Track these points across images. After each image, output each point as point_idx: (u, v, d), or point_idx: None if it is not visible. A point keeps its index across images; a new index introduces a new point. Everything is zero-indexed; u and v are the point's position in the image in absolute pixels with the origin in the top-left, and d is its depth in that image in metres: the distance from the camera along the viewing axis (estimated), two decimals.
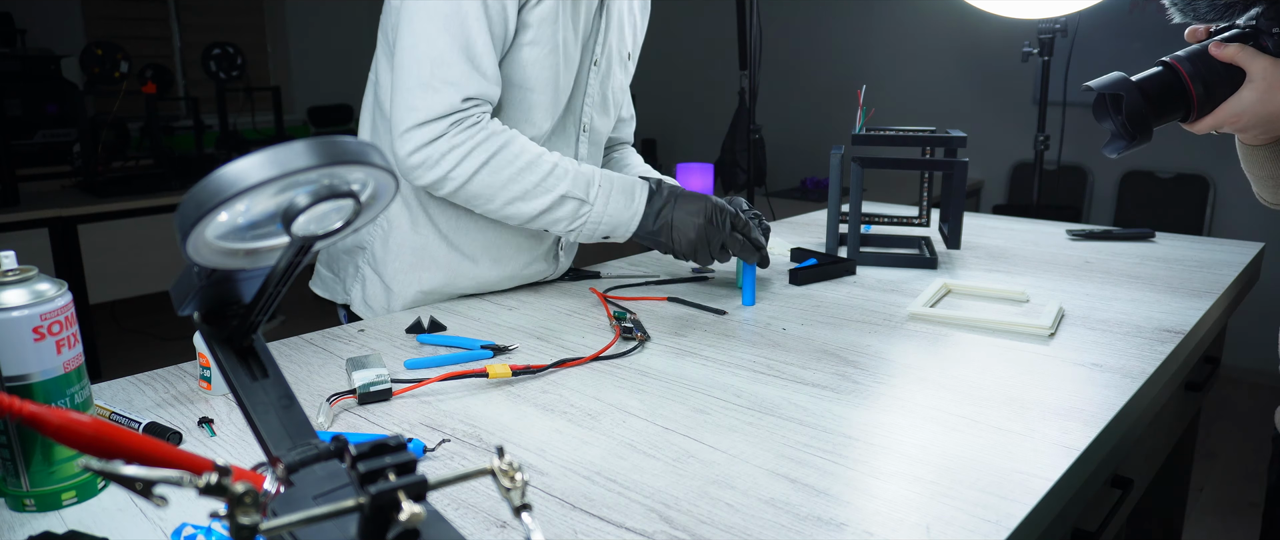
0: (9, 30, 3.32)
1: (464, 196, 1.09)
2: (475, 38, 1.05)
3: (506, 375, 0.89)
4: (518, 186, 1.08)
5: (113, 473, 0.35)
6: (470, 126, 1.06)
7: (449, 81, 1.04)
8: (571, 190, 1.10)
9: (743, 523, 0.61)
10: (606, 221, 1.13)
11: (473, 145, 1.05)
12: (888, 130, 1.50)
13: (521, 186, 1.08)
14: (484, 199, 1.09)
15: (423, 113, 1.04)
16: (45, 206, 2.82)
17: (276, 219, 0.41)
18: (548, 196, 1.09)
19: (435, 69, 1.04)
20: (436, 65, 1.04)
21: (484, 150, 1.06)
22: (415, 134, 1.04)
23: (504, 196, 1.08)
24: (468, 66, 1.05)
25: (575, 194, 1.10)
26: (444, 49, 1.04)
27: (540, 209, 1.10)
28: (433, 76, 1.04)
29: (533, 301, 1.21)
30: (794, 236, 1.62)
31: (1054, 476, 0.67)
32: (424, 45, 1.04)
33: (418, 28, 1.05)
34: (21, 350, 0.62)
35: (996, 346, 0.99)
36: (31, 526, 0.62)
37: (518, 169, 1.08)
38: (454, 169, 1.05)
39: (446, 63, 1.04)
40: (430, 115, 1.04)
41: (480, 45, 1.05)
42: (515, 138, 1.09)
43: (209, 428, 0.78)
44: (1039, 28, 2.04)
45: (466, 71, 1.05)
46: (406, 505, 0.39)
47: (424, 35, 1.04)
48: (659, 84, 4.87)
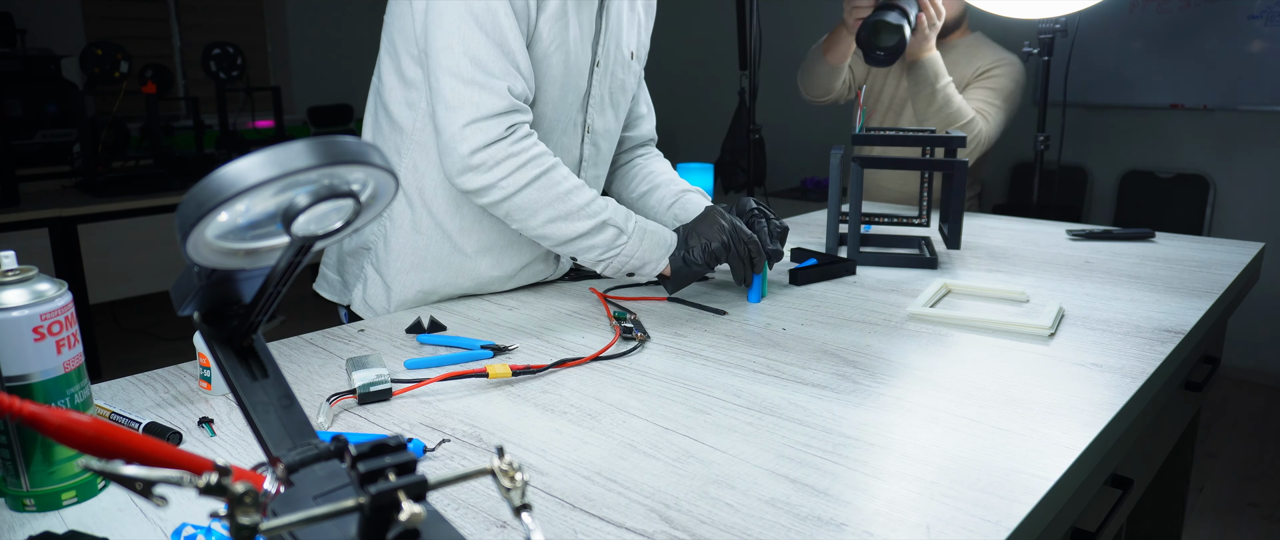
0: (9, 30, 3.32)
1: (507, 207, 1.08)
2: (508, 34, 1.05)
3: (506, 375, 0.88)
4: (563, 206, 1.08)
5: (113, 473, 0.35)
6: (525, 138, 1.06)
7: (493, 75, 1.04)
8: (613, 218, 1.10)
9: (743, 523, 0.61)
10: (639, 257, 1.13)
11: (528, 157, 1.06)
12: (888, 130, 1.50)
13: (566, 207, 1.08)
14: (527, 213, 1.08)
15: (474, 109, 1.03)
16: (45, 206, 2.82)
17: (276, 219, 0.41)
18: (590, 221, 1.09)
19: (477, 65, 1.03)
20: (477, 62, 1.03)
21: (537, 165, 1.06)
22: (473, 132, 1.03)
23: (547, 214, 1.08)
24: (507, 63, 1.05)
25: (616, 223, 1.11)
26: (482, 46, 1.03)
27: (581, 232, 1.10)
28: (475, 73, 1.03)
29: (533, 301, 1.21)
30: (794, 236, 1.62)
31: (1054, 476, 0.67)
32: (460, 45, 1.03)
33: (450, 27, 1.04)
34: (21, 350, 0.62)
35: (996, 346, 0.99)
36: (31, 526, 0.62)
37: (565, 190, 1.08)
38: (508, 177, 1.05)
39: (488, 58, 1.04)
40: (483, 112, 1.03)
41: (514, 41, 1.05)
42: (560, 163, 1.10)
43: (209, 428, 0.78)
44: (1039, 28, 2.04)
45: (507, 67, 1.05)
46: (406, 505, 0.39)
47: (459, 35, 1.03)
48: (659, 84, 4.86)
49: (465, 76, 1.03)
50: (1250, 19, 3.17)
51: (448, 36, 1.04)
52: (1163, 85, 3.37)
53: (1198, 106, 3.31)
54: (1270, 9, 3.12)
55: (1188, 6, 3.27)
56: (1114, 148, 3.57)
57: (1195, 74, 3.29)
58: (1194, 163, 3.38)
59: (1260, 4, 3.13)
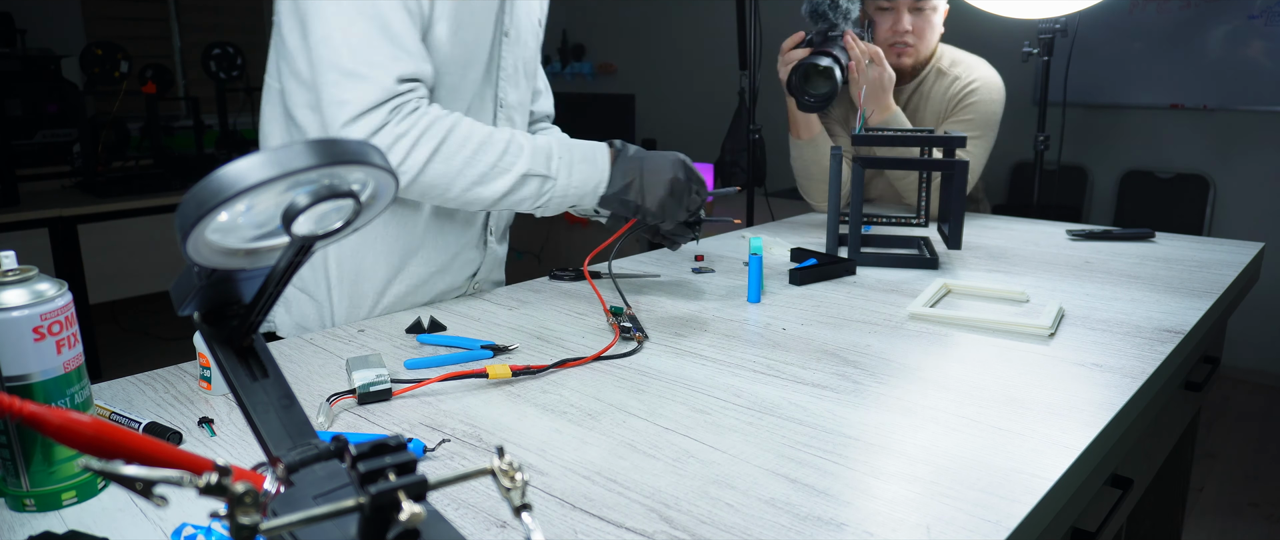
0: (9, 30, 3.32)
1: (419, 189, 1.03)
2: (391, 16, 0.99)
3: (506, 376, 0.88)
4: (474, 171, 1.03)
5: (113, 473, 0.35)
6: (412, 113, 1.00)
7: (375, 64, 0.98)
8: (532, 167, 1.05)
9: (743, 523, 0.61)
10: (573, 191, 1.08)
11: (419, 132, 1.00)
12: (887, 130, 1.50)
13: (478, 170, 1.03)
14: (441, 188, 1.03)
15: (355, 104, 0.97)
16: (45, 206, 2.82)
17: (276, 219, 0.41)
18: (508, 176, 1.04)
19: (357, 55, 0.97)
20: (357, 51, 0.97)
21: (432, 137, 1.01)
22: (353, 129, 0.98)
23: (462, 183, 1.03)
24: (391, 46, 0.99)
25: (536, 171, 1.06)
26: (362, 33, 0.98)
27: (502, 191, 1.05)
28: (356, 64, 0.97)
29: (533, 301, 1.21)
30: (794, 236, 1.62)
31: (1054, 476, 0.67)
32: (339, 34, 0.98)
33: (328, 17, 0.98)
34: (21, 350, 0.62)
35: (996, 346, 0.99)
36: (31, 526, 0.62)
37: (471, 152, 1.02)
38: (404, 160, 1.00)
39: (368, 46, 0.98)
40: (365, 105, 0.97)
41: (398, 22, 0.99)
42: (460, 120, 1.04)
43: (209, 428, 0.78)
44: (1039, 28, 2.04)
45: (392, 52, 0.99)
46: (406, 505, 0.39)
47: (336, 24, 0.98)
48: (659, 84, 4.87)
49: (345, 68, 0.98)
50: (1250, 19, 3.17)
51: (325, 27, 0.98)
52: (1163, 85, 3.37)
53: (1198, 106, 3.31)
54: (1270, 9, 3.12)
55: (1188, 6, 3.26)
56: (1114, 148, 3.57)
57: (1195, 74, 3.29)
58: (1194, 163, 3.38)
59: (1260, 4, 3.13)
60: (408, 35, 1.00)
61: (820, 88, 1.51)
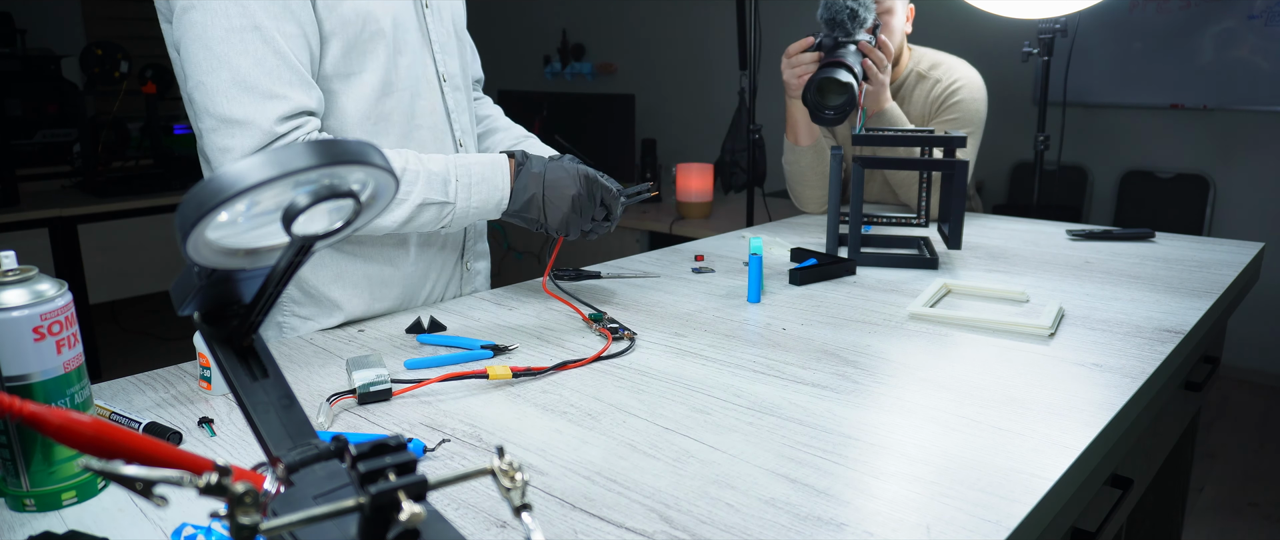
0: (9, 30, 3.32)
1: None
2: (265, 58, 0.94)
3: (507, 376, 0.88)
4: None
5: (113, 473, 0.35)
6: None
7: (252, 110, 0.94)
8: (428, 196, 1.04)
9: (743, 523, 0.61)
10: (474, 212, 1.08)
11: None
12: (887, 130, 1.50)
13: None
14: None
15: (237, 150, 0.94)
16: (45, 206, 2.82)
17: (277, 219, 0.41)
18: (405, 206, 1.02)
19: (232, 103, 0.93)
20: (232, 98, 0.93)
21: None
22: None
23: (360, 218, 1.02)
24: (267, 91, 0.94)
25: (433, 198, 1.04)
26: (232, 78, 0.93)
27: (401, 219, 1.03)
28: (232, 112, 0.93)
29: (533, 301, 1.21)
30: (794, 236, 1.62)
31: (1054, 476, 0.67)
32: (212, 81, 0.93)
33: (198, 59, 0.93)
34: (21, 350, 0.62)
35: (996, 346, 0.99)
36: (31, 526, 0.62)
37: None
38: None
39: (243, 91, 0.93)
40: (246, 150, 0.94)
41: (273, 64, 0.94)
42: None
43: (209, 428, 0.78)
44: (1039, 28, 2.04)
45: (267, 96, 0.94)
46: (406, 505, 0.39)
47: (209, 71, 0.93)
48: (659, 84, 4.87)
49: (221, 115, 0.94)
50: (1250, 19, 3.17)
51: (198, 72, 0.93)
52: (1163, 85, 3.37)
53: (1198, 106, 3.31)
54: (1270, 9, 3.12)
55: (1188, 6, 3.27)
56: (1114, 148, 3.57)
57: (1195, 74, 3.29)
58: (1194, 163, 3.38)
59: (1260, 4, 3.13)
60: (285, 75, 0.96)
61: (837, 100, 1.47)
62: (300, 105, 0.98)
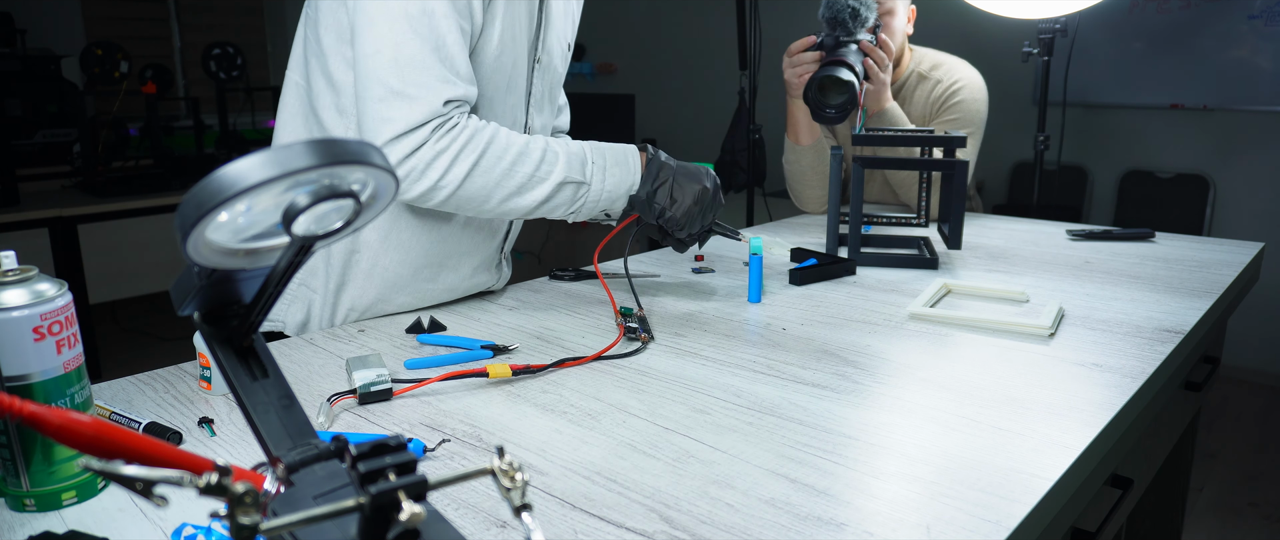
0: (9, 30, 3.32)
1: (457, 202, 1.03)
2: (447, 36, 0.98)
3: (507, 375, 0.88)
4: (512, 182, 1.03)
5: (113, 473, 0.35)
6: (452, 129, 1.00)
7: (424, 86, 0.97)
8: (568, 175, 1.06)
9: (743, 523, 0.61)
10: (605, 197, 1.09)
11: (459, 147, 1.00)
12: (887, 130, 1.50)
13: (516, 181, 1.04)
14: (479, 201, 1.04)
15: (400, 123, 0.97)
16: (45, 206, 2.82)
17: (277, 219, 0.41)
18: (545, 186, 1.05)
19: (407, 74, 0.97)
20: (407, 70, 0.97)
21: (472, 151, 1.01)
22: (396, 147, 0.98)
23: (500, 194, 1.04)
24: (443, 68, 0.98)
25: (572, 177, 1.06)
26: (414, 52, 0.97)
27: (539, 200, 1.06)
28: (405, 83, 0.97)
29: (533, 301, 1.21)
30: (794, 236, 1.62)
31: (1054, 476, 0.67)
32: (390, 50, 0.96)
33: (381, 31, 0.96)
34: (21, 350, 0.62)
35: (996, 346, 0.99)
36: (31, 526, 0.62)
37: (510, 163, 1.03)
38: (444, 176, 1.00)
39: (419, 67, 0.97)
40: (409, 125, 0.97)
41: (453, 44, 0.99)
42: (498, 131, 1.04)
43: (209, 428, 0.78)
44: (1039, 28, 2.04)
45: (442, 74, 0.98)
46: (407, 505, 0.39)
47: (389, 39, 0.96)
48: (659, 84, 4.87)
49: (393, 86, 0.97)
50: (1250, 19, 3.17)
51: (378, 40, 0.97)
52: (1163, 85, 3.37)
53: (1198, 106, 3.31)
54: (1270, 9, 3.12)
55: (1188, 6, 3.27)
56: (1114, 148, 3.57)
57: (1195, 74, 3.29)
58: (1194, 163, 3.38)
59: (1260, 4, 3.13)
60: (459, 57, 1.00)
61: (838, 98, 1.46)
62: (468, 91, 1.01)
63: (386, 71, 0.97)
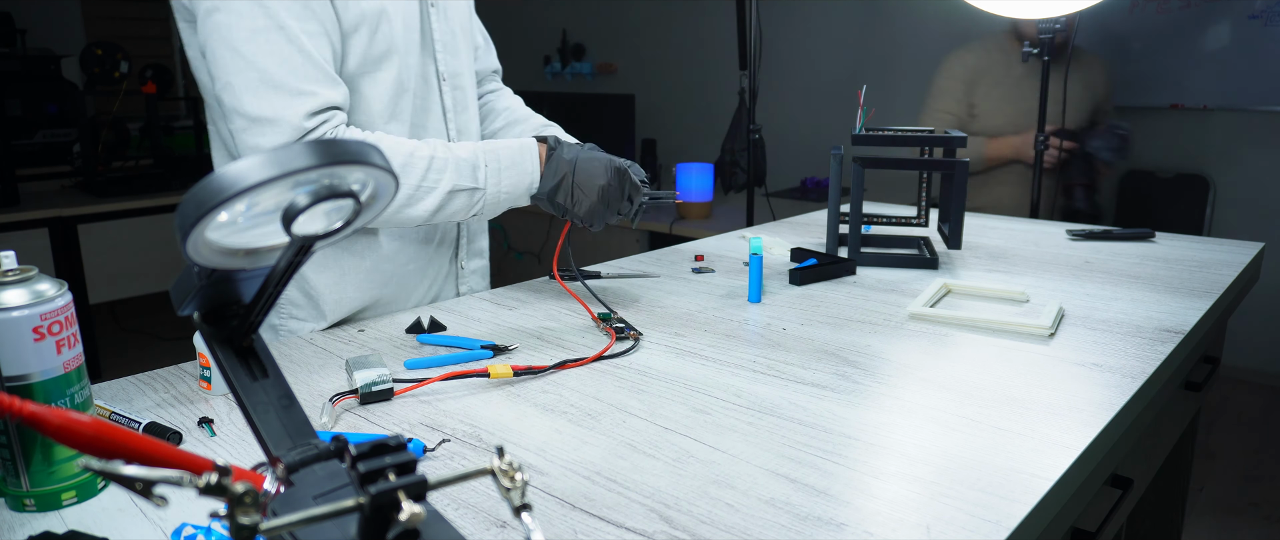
0: (9, 30, 3.32)
1: None
2: (290, 57, 0.96)
3: (508, 375, 0.88)
4: (401, 193, 1.01)
5: (113, 473, 0.35)
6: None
7: (281, 106, 0.95)
8: (458, 182, 1.04)
9: (743, 523, 0.61)
10: (504, 198, 1.08)
11: None
12: (888, 130, 1.50)
13: (405, 192, 1.02)
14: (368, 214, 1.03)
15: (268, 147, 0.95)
16: (45, 206, 2.82)
17: (276, 219, 0.41)
18: (434, 196, 1.03)
19: (260, 101, 0.95)
20: (260, 97, 0.95)
21: None
22: None
23: (391, 207, 1.01)
24: (294, 88, 0.95)
25: (463, 185, 1.05)
26: (258, 76, 0.95)
27: (431, 209, 1.04)
28: (261, 108, 0.95)
29: (533, 301, 1.21)
30: (794, 236, 1.62)
31: (1054, 476, 0.67)
32: (237, 78, 0.95)
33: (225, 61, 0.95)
34: (21, 350, 0.62)
35: (996, 346, 0.99)
36: (31, 526, 0.62)
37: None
38: None
39: (269, 87, 0.95)
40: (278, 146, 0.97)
41: (298, 62, 0.96)
42: (380, 139, 1.02)
43: (209, 428, 0.78)
44: (1039, 28, 2.04)
45: (294, 93, 0.95)
46: (406, 505, 0.39)
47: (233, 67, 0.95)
48: (659, 84, 4.87)
49: (251, 114, 0.95)
50: (1250, 19, 3.17)
51: (225, 73, 0.95)
52: (1163, 85, 3.37)
53: (1198, 106, 3.31)
54: (1270, 9, 3.12)
55: (1188, 6, 3.26)
56: None
57: (1195, 74, 3.29)
58: (1194, 163, 3.37)
59: (1260, 4, 3.13)
60: (309, 72, 0.97)
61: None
62: (327, 101, 0.99)
63: (242, 101, 0.96)
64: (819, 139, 4.23)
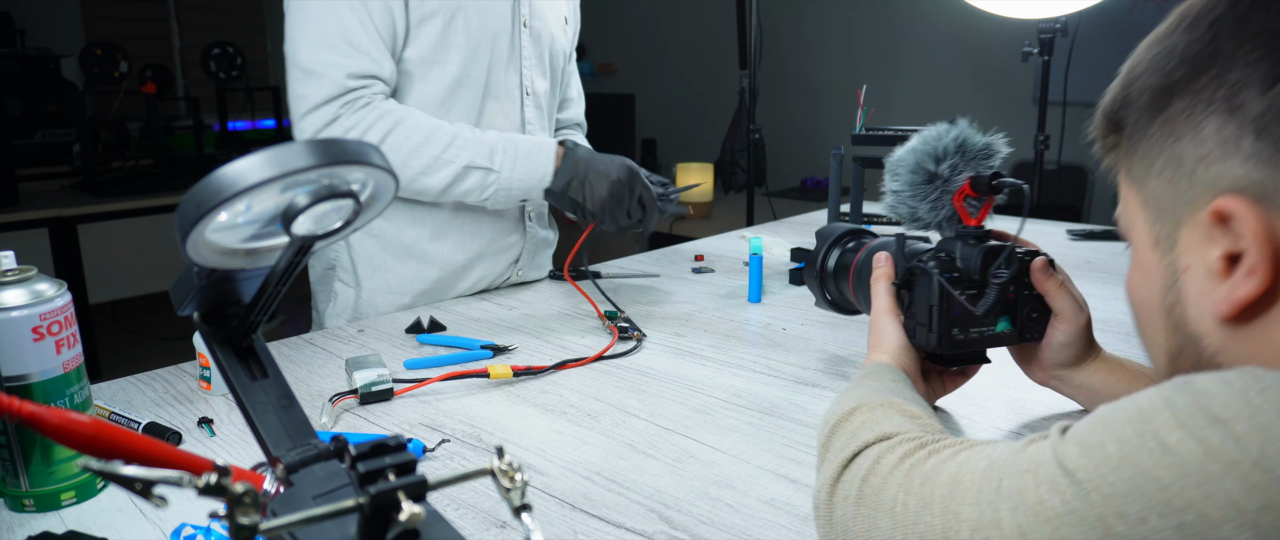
0: (9, 30, 3.32)
1: None
2: (349, 20, 1.05)
3: (508, 376, 0.88)
4: (418, 161, 1.09)
5: (112, 473, 0.35)
6: (363, 107, 1.06)
7: (329, 63, 1.05)
8: (474, 160, 1.10)
9: (743, 523, 0.61)
10: (517, 186, 1.12)
11: (367, 125, 1.06)
12: (888, 130, 1.50)
13: (422, 161, 1.09)
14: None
15: (310, 99, 1.05)
16: (45, 206, 2.82)
17: (276, 219, 0.41)
18: (450, 168, 1.10)
19: (314, 53, 1.05)
20: (315, 49, 1.05)
21: (378, 129, 1.07)
22: (308, 121, 1.06)
23: (407, 174, 1.09)
24: (346, 46, 1.05)
25: (478, 163, 1.10)
26: (319, 32, 1.05)
27: (446, 182, 1.10)
28: (313, 62, 1.05)
29: (532, 301, 1.21)
30: (794, 236, 1.62)
31: None
32: (299, 35, 1.06)
33: (295, 18, 1.07)
34: (21, 350, 0.62)
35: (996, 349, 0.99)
36: (31, 526, 0.62)
37: (416, 144, 1.08)
38: None
39: (324, 45, 1.05)
40: (318, 100, 1.05)
41: (355, 24, 1.05)
42: (410, 113, 1.09)
43: (208, 428, 0.78)
44: (1039, 28, 2.04)
45: (346, 51, 1.05)
46: (406, 505, 0.39)
47: (299, 26, 1.06)
48: (659, 84, 4.87)
49: (303, 65, 1.06)
50: None
51: (291, 29, 1.07)
52: None
53: None
54: None
55: None
56: None
57: None
58: None
59: None
60: (363, 37, 1.06)
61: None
62: (375, 68, 1.08)
63: (298, 52, 1.06)
64: (819, 139, 4.24)
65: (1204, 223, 0.42)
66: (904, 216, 0.74)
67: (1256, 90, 0.40)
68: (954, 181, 0.71)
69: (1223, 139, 0.41)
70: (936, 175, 0.72)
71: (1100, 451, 0.37)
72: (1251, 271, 0.40)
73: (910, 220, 0.74)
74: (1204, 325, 0.44)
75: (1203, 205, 0.42)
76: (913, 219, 0.74)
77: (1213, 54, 0.43)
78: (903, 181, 0.73)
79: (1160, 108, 0.46)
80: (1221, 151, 0.41)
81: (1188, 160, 0.43)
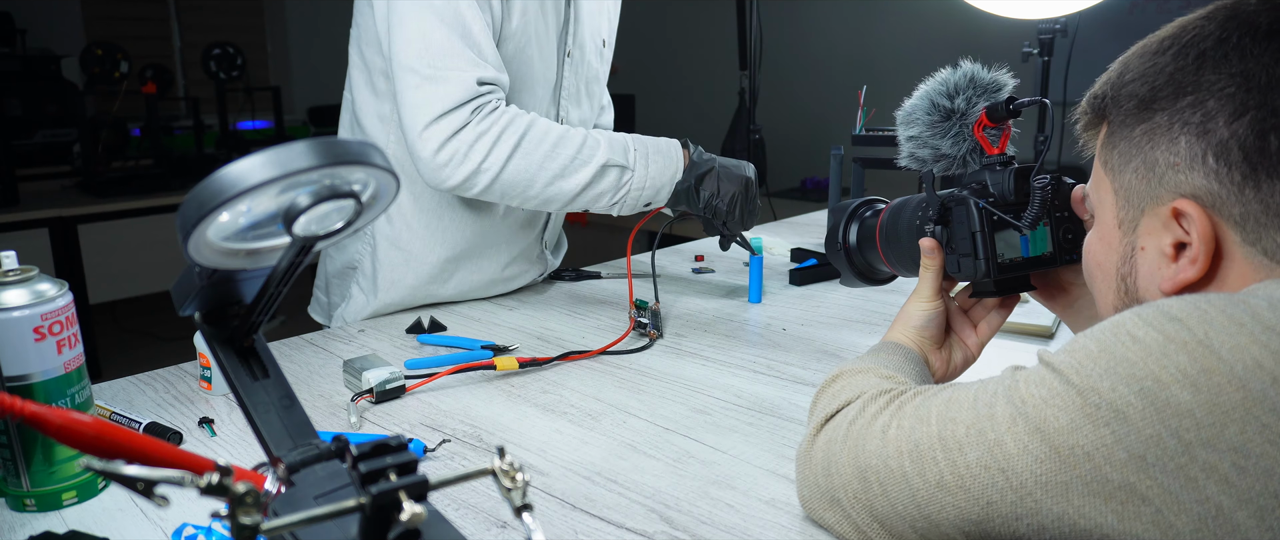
0: (9, 30, 3.32)
1: (500, 187, 1.03)
2: (472, 24, 1.01)
3: (514, 367, 0.89)
4: (555, 164, 1.03)
5: (114, 473, 0.35)
6: (491, 112, 1.01)
7: (455, 68, 0.99)
8: (610, 157, 1.05)
9: (743, 523, 0.61)
10: (650, 183, 1.08)
11: (500, 129, 1.00)
12: (888, 130, 1.50)
13: (559, 163, 1.03)
14: (523, 185, 1.03)
15: (437, 106, 0.99)
16: (45, 206, 2.82)
17: (278, 219, 0.41)
18: (588, 169, 1.04)
19: (436, 60, 0.99)
20: (438, 56, 0.99)
21: (513, 133, 1.01)
22: (435, 130, 0.99)
23: (544, 177, 1.03)
24: (472, 53, 1.00)
25: (615, 161, 1.05)
26: (442, 39, 0.99)
27: (583, 183, 1.05)
28: (436, 68, 0.99)
29: (533, 301, 1.21)
30: (794, 236, 1.62)
31: None
32: (418, 40, 1.00)
33: (410, 25, 1.00)
34: (22, 350, 0.62)
35: (997, 346, 0.99)
36: (32, 526, 0.62)
37: (551, 146, 1.03)
38: (486, 158, 1.00)
39: (449, 52, 0.99)
40: (446, 106, 0.99)
41: (478, 31, 1.01)
42: (536, 117, 1.05)
43: (209, 428, 0.78)
44: (1039, 28, 2.04)
45: (472, 58, 1.00)
46: (407, 505, 0.39)
47: (418, 31, 1.00)
48: (659, 84, 4.87)
49: (424, 72, 0.99)
50: None
51: (407, 33, 1.00)
52: None
53: None
54: None
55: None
56: None
57: None
58: None
59: None
60: (486, 43, 1.02)
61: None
62: (497, 75, 1.03)
63: (417, 60, 0.99)
64: (819, 139, 4.24)
65: (1163, 216, 0.53)
66: (927, 158, 0.74)
67: (1224, 119, 0.50)
68: (971, 114, 0.73)
69: (1191, 154, 0.51)
70: (953, 110, 0.73)
71: (1082, 350, 0.47)
72: (1194, 260, 0.51)
73: (934, 160, 0.74)
74: (1150, 294, 0.54)
75: (1165, 202, 0.52)
76: (937, 159, 0.74)
77: (1196, 83, 0.52)
78: (920, 124, 0.74)
79: (1144, 116, 0.55)
80: (1188, 163, 0.51)
81: (1160, 165, 0.53)
